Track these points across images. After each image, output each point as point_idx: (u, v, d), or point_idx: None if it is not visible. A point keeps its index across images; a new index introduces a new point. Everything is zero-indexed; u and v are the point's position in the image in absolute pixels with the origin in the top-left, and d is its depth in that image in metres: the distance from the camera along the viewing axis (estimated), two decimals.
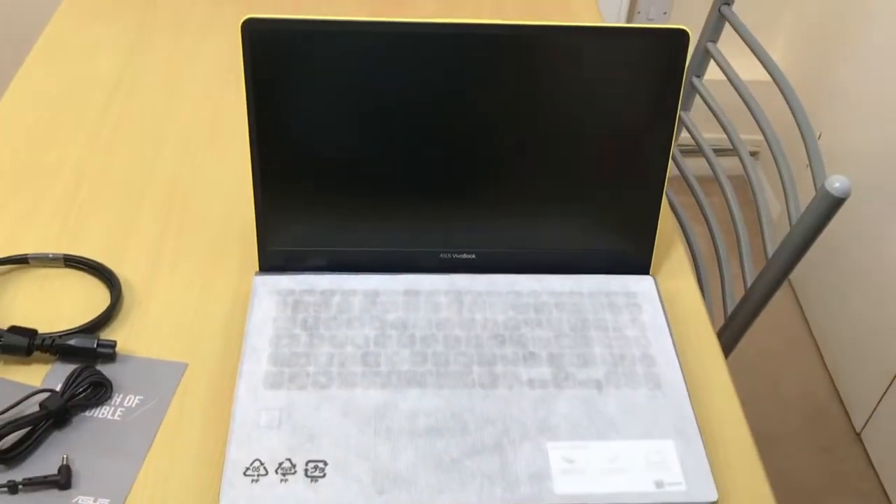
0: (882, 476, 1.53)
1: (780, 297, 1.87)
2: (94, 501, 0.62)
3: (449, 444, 0.66)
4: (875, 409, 1.55)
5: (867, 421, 1.58)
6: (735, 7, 1.93)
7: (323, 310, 0.75)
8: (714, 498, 0.64)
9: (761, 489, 0.66)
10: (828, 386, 1.70)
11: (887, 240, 1.51)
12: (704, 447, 0.67)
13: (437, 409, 0.68)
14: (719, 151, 1.13)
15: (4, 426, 0.64)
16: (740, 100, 1.02)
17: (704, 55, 1.12)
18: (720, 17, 1.09)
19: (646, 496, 0.64)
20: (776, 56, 2.00)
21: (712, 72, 1.13)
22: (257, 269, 0.79)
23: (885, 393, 1.51)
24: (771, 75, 0.99)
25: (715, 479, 0.65)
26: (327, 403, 0.68)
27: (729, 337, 0.96)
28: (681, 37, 0.72)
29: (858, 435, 1.61)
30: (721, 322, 0.99)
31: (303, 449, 0.65)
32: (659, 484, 0.64)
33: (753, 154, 2.09)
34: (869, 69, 1.61)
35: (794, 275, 1.88)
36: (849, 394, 1.64)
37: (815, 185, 0.83)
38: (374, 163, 0.75)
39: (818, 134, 1.77)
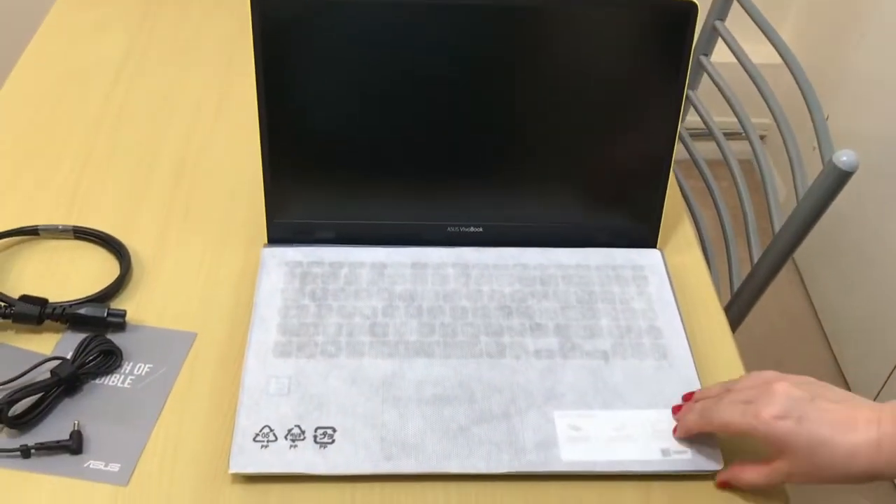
0: None
1: (785, 278, 1.87)
2: (105, 466, 0.63)
3: (456, 411, 0.66)
4: (879, 392, 1.55)
5: None
6: None
7: (331, 281, 0.75)
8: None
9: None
10: (832, 368, 1.70)
11: (893, 222, 1.51)
12: None
13: (445, 378, 0.68)
14: (728, 135, 1.13)
15: (17, 392, 0.65)
16: (748, 80, 1.02)
17: (712, 33, 1.12)
18: None
19: (651, 464, 0.64)
20: (785, 37, 2.00)
21: (721, 54, 1.13)
22: (266, 241, 0.79)
23: (889, 377, 1.51)
24: (780, 54, 0.99)
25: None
26: (335, 372, 0.68)
27: (735, 313, 0.96)
28: (689, 9, 0.72)
29: None
30: (727, 299, 0.99)
31: (311, 416, 0.65)
32: (665, 452, 0.65)
33: (762, 137, 2.08)
34: (878, 51, 1.60)
35: (800, 257, 1.88)
36: (853, 376, 1.64)
37: (822, 161, 0.83)
38: (382, 136, 0.75)
39: (826, 115, 1.77)
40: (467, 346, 0.71)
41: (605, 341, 0.72)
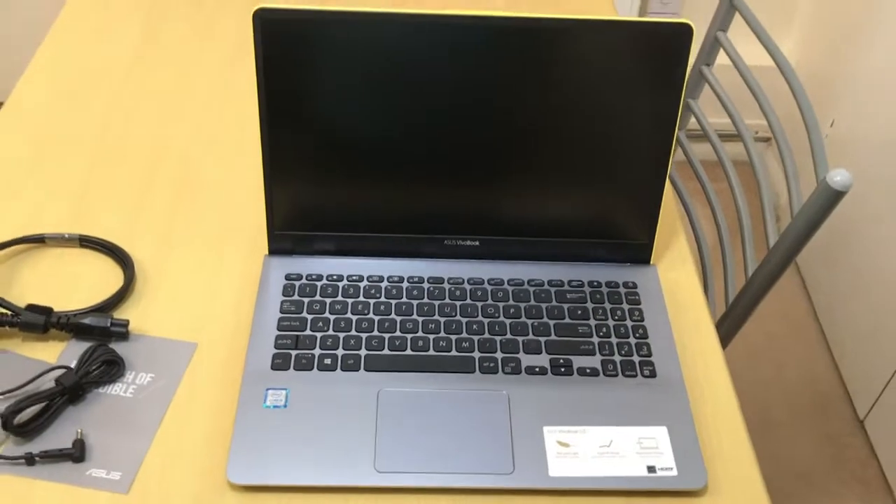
0: (884, 464, 1.54)
1: (787, 283, 1.87)
2: (107, 474, 0.65)
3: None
4: (879, 397, 1.56)
5: (871, 409, 1.59)
6: None
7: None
8: (703, 484, 0.66)
9: (752, 477, 0.68)
10: (832, 373, 1.71)
11: (895, 229, 1.52)
12: (697, 435, 0.68)
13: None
14: (727, 137, 1.14)
15: (22, 401, 0.67)
16: (750, 87, 1.03)
17: (714, 44, 1.13)
18: (730, 6, 1.09)
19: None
20: (791, 43, 2.00)
21: (725, 57, 1.13)
22: (266, 252, 0.81)
23: (889, 381, 1.52)
24: (778, 66, 1.00)
25: (707, 466, 0.67)
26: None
27: (729, 325, 0.98)
28: (685, 31, 0.73)
29: (861, 422, 1.62)
30: (723, 310, 1.00)
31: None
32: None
33: (766, 140, 2.08)
34: (884, 58, 1.60)
35: (803, 262, 1.88)
36: (853, 381, 1.65)
37: (816, 177, 0.84)
38: (380, 151, 0.76)
39: (831, 121, 1.77)
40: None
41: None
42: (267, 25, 0.71)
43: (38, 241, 0.82)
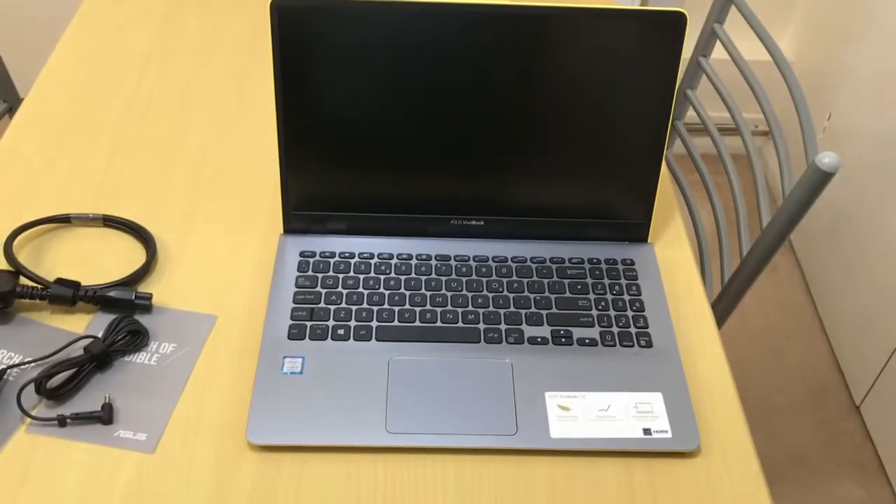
0: (879, 448, 1.58)
1: (786, 274, 1.91)
2: (134, 435, 0.69)
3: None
4: (874, 382, 1.59)
5: (866, 394, 1.63)
6: None
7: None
8: (696, 445, 0.70)
9: (742, 439, 0.71)
10: (829, 359, 1.75)
11: (891, 217, 1.55)
12: (691, 400, 0.72)
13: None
14: (726, 130, 1.18)
15: (54, 367, 0.71)
16: (746, 79, 1.07)
17: (711, 35, 1.16)
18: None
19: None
20: (790, 38, 2.03)
21: (723, 52, 1.17)
22: (282, 230, 0.85)
23: (884, 367, 1.56)
24: (772, 57, 1.03)
25: (700, 429, 0.71)
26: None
27: (725, 304, 1.01)
28: (679, 18, 0.76)
29: (858, 407, 1.66)
30: (720, 290, 1.04)
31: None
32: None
33: (765, 134, 2.12)
34: (881, 51, 1.64)
35: (801, 251, 1.92)
36: (849, 367, 1.69)
37: (806, 160, 0.88)
38: (390, 135, 0.80)
39: (828, 114, 1.80)
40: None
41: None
42: (284, 14, 0.75)
43: (65, 220, 0.86)
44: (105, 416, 0.70)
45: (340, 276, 0.80)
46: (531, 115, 0.80)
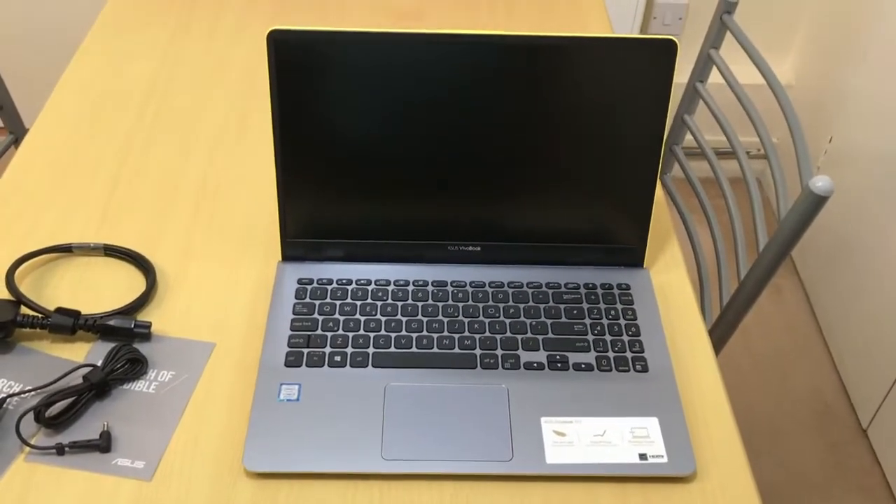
0: (887, 472, 1.57)
1: (792, 297, 1.91)
2: (132, 463, 0.70)
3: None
4: (881, 406, 1.59)
5: (873, 417, 1.62)
6: (751, 11, 1.96)
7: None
8: (692, 470, 0.69)
9: (739, 464, 0.71)
10: (835, 382, 1.74)
11: (895, 238, 1.55)
12: (686, 425, 0.72)
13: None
14: (724, 154, 1.19)
15: (52, 396, 0.72)
16: (743, 104, 1.08)
17: (707, 61, 1.17)
18: (722, 25, 1.14)
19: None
20: (791, 59, 2.04)
21: (719, 75, 1.18)
22: (280, 258, 0.86)
23: (889, 391, 1.55)
24: (767, 81, 1.04)
25: (696, 454, 0.71)
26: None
27: (724, 328, 1.01)
28: (670, 46, 0.77)
29: (864, 431, 1.65)
30: (719, 314, 1.04)
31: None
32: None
33: (764, 157, 2.13)
34: (882, 73, 1.65)
35: (804, 272, 1.92)
36: (856, 391, 1.68)
37: (801, 184, 0.88)
38: (387, 162, 0.81)
39: (830, 137, 1.81)
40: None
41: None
42: (280, 45, 0.77)
43: (66, 250, 0.87)
44: (103, 444, 0.70)
45: (338, 302, 0.81)
46: (526, 141, 0.81)
